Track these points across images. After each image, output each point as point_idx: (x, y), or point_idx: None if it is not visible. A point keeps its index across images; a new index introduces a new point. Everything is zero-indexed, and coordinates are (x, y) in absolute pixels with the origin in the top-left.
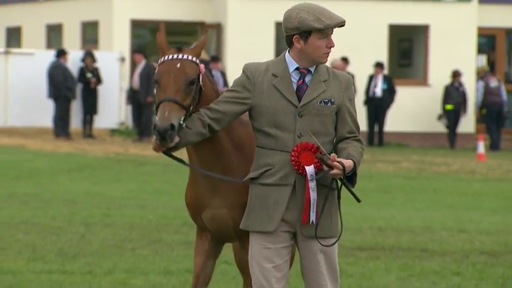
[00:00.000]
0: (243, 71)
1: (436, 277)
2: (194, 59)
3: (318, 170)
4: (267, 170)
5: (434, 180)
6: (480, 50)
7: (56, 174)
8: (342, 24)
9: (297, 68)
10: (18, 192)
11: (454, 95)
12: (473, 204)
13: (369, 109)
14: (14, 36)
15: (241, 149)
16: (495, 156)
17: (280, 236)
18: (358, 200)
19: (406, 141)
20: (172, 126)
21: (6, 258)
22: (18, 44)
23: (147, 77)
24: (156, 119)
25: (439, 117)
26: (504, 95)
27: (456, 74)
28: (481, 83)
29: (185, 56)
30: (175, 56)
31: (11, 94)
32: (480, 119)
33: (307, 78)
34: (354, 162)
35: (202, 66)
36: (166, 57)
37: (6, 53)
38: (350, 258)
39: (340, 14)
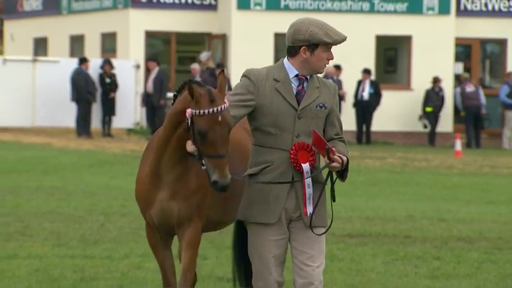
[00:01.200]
0: (245, 76)
1: (418, 261)
2: (227, 104)
3: (312, 167)
4: (267, 167)
5: (416, 174)
6: (457, 58)
7: (78, 169)
8: (345, 40)
9: (297, 75)
10: (45, 185)
11: (434, 98)
12: (451, 196)
13: (357, 111)
14: (40, 46)
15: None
16: (471, 153)
17: (280, 229)
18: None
19: (391, 139)
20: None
21: (33, 244)
22: (44, 53)
23: (160, 82)
24: (214, 174)
25: (420, 118)
26: (482, 99)
27: (436, 80)
28: (458, 89)
29: (224, 106)
30: (217, 109)
31: (38, 98)
32: (460, 120)
33: (305, 85)
34: (347, 158)
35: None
36: (204, 111)
37: (34, 61)
38: (341, 245)
39: (331, 25)
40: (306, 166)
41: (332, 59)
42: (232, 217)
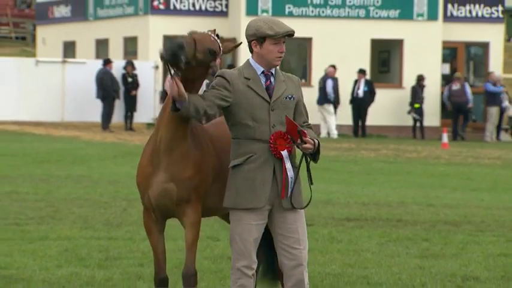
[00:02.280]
0: (219, 76)
1: (408, 242)
2: (221, 45)
3: (289, 153)
4: (250, 157)
5: (407, 164)
6: (444, 59)
7: (103, 159)
8: (290, 33)
9: (263, 72)
10: (73, 174)
11: (420, 95)
12: (439, 184)
13: (353, 107)
14: (69, 49)
15: (195, 138)
16: (456, 146)
17: (263, 214)
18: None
19: (384, 133)
20: (182, 45)
21: (63, 227)
22: (73, 55)
23: None
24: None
25: (409, 112)
26: (469, 95)
27: (421, 78)
28: (447, 87)
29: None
30: (211, 34)
31: (67, 95)
32: (447, 115)
33: (272, 79)
34: (318, 142)
35: (219, 60)
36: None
37: (63, 62)
38: (339, 227)
39: (331, 30)
40: (284, 153)
41: (282, 51)
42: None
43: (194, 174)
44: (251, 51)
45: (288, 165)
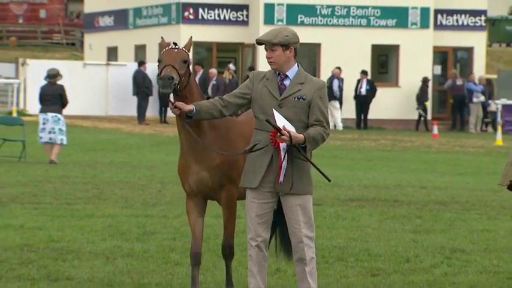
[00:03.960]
0: (248, 76)
1: (404, 219)
2: (186, 50)
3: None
4: (255, 145)
5: (403, 152)
6: (435, 62)
7: (141, 148)
8: (262, 41)
9: (279, 73)
10: (116, 161)
11: (426, 94)
12: (430, 169)
13: (356, 103)
14: (112, 53)
15: (215, 130)
16: (445, 136)
17: (263, 194)
18: (328, 180)
19: (383, 125)
20: (171, 77)
21: (107, 206)
22: (115, 58)
23: (204, 81)
24: (159, 76)
25: (417, 109)
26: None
27: (426, 80)
28: (449, 81)
29: (180, 47)
30: (173, 46)
31: (110, 93)
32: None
33: (286, 81)
34: (304, 136)
35: (190, 60)
36: (166, 48)
37: (107, 64)
38: (344, 207)
39: (337, 37)
40: (282, 145)
41: (268, 57)
42: None
43: (221, 162)
44: None
45: (283, 155)
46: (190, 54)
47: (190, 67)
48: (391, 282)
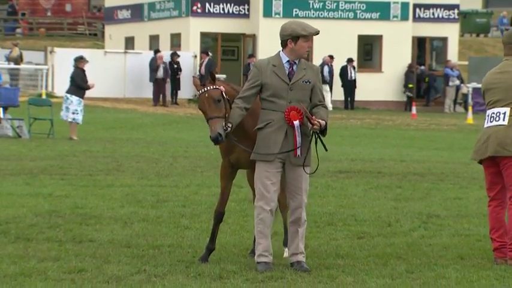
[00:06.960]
0: (254, 66)
1: (386, 189)
2: (215, 86)
3: (301, 123)
4: (269, 123)
5: (385, 130)
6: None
7: (155, 126)
8: (317, 33)
9: (288, 61)
10: (133, 137)
11: (412, 79)
12: (409, 144)
13: (344, 87)
14: (129, 43)
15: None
16: (422, 116)
17: (276, 164)
18: (326, 149)
19: (368, 106)
20: (219, 134)
21: (125, 177)
22: (132, 47)
23: (209, 67)
24: (210, 132)
25: (404, 92)
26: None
27: (411, 66)
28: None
29: (209, 87)
30: (203, 90)
31: (128, 78)
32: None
33: (294, 67)
34: (326, 122)
35: (222, 87)
36: (200, 93)
37: (125, 53)
38: (333, 178)
39: (327, 28)
40: (296, 122)
41: (310, 47)
42: None
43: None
44: (284, 46)
45: (298, 132)
46: (198, 44)
47: (224, 95)
48: (375, 243)
